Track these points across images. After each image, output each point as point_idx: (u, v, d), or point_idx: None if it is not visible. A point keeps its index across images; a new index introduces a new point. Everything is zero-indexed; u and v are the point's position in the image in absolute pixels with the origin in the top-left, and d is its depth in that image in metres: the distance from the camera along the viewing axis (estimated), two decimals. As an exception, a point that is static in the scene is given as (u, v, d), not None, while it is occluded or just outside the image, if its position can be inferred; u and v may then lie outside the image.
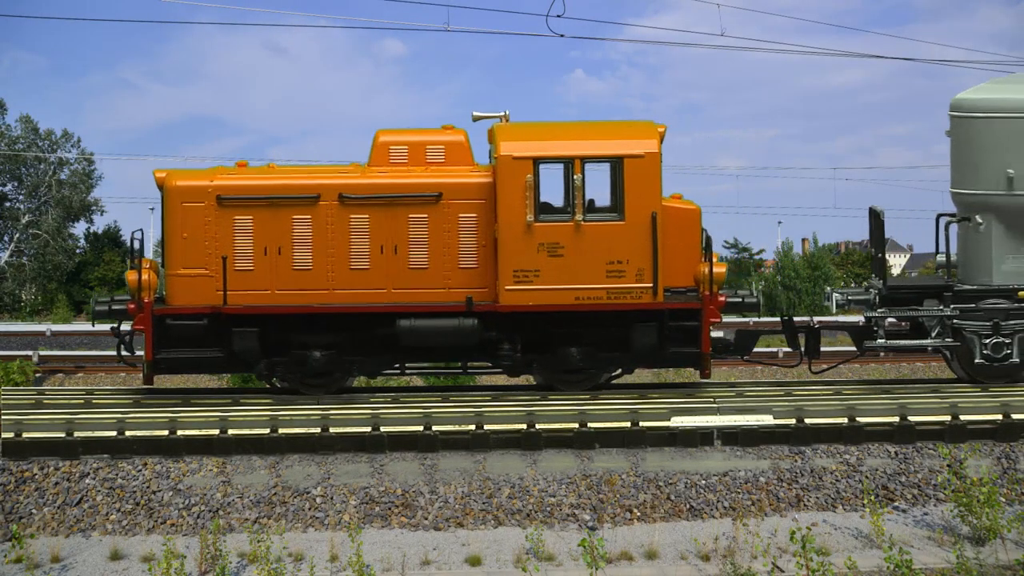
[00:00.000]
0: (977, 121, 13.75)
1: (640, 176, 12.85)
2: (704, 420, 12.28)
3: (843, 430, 12.22)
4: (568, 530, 10.80)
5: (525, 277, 12.82)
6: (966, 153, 13.98)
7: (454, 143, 13.46)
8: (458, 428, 12.15)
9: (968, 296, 13.82)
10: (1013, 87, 13.85)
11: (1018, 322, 13.62)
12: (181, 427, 12.07)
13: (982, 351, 13.65)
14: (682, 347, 13.30)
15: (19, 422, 12.11)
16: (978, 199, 13.84)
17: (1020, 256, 13.76)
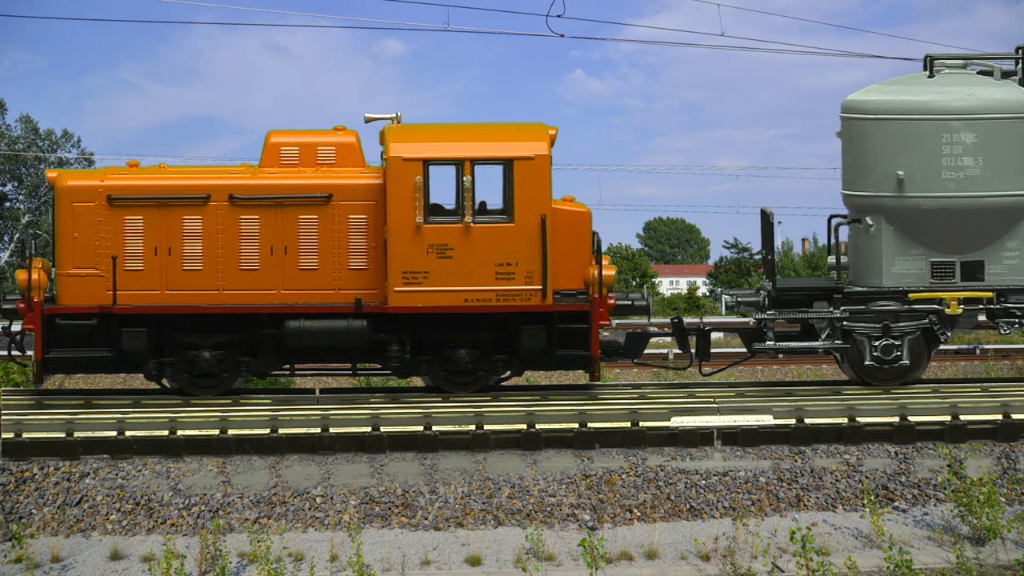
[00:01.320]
0: (868, 122, 13.70)
1: (530, 178, 12.88)
2: (704, 420, 12.28)
3: (843, 430, 12.22)
4: (568, 530, 10.80)
5: (414, 279, 12.85)
6: (857, 155, 13.92)
7: (345, 144, 13.50)
8: (458, 428, 12.15)
9: (858, 298, 13.76)
10: (903, 88, 13.77)
11: (908, 324, 13.57)
12: (181, 427, 12.07)
13: (872, 353, 13.58)
14: (571, 350, 13.29)
15: (19, 422, 12.12)
16: (869, 201, 13.76)
17: (910, 258, 13.68)
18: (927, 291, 13.63)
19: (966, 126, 13.41)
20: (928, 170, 13.43)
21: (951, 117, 13.43)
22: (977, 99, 13.53)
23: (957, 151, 13.43)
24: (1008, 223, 13.65)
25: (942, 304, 13.56)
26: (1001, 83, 13.88)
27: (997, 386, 14.22)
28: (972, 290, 13.64)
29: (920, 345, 13.72)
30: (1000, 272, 13.72)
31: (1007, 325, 13.84)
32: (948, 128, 13.44)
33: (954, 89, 13.64)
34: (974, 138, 13.42)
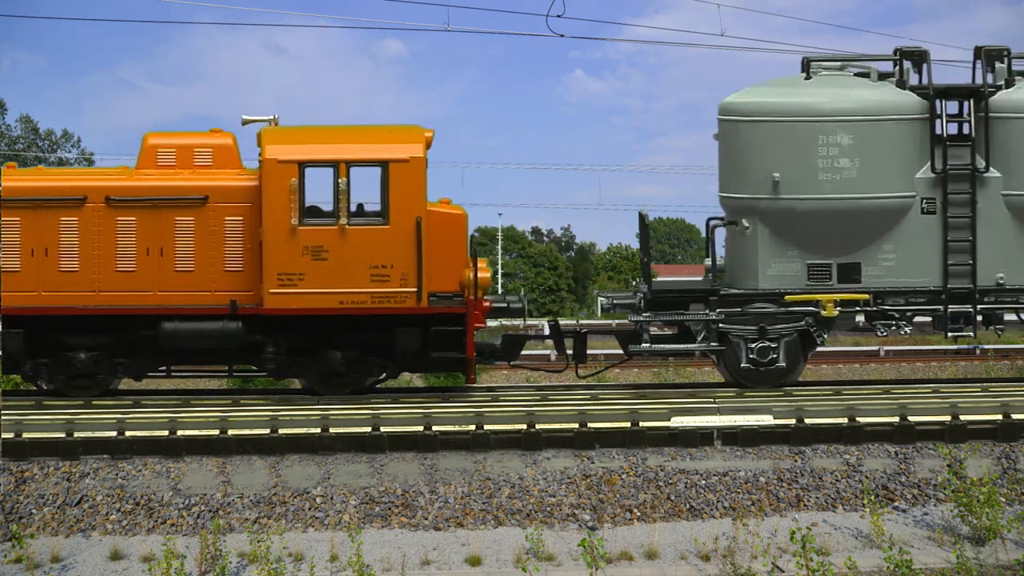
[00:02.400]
0: (743, 125, 13.68)
1: (405, 181, 12.94)
2: (704, 420, 12.28)
3: (843, 430, 12.22)
4: (568, 530, 10.81)
5: (289, 280, 12.89)
6: (733, 157, 13.90)
7: (221, 146, 13.56)
8: (458, 428, 12.15)
9: (734, 300, 13.75)
10: (779, 90, 13.76)
11: (784, 326, 13.57)
12: (181, 427, 12.07)
13: (748, 355, 13.58)
14: (447, 352, 13.36)
15: (19, 422, 12.12)
16: (745, 203, 13.76)
17: (786, 260, 13.67)
18: (803, 293, 13.62)
19: (842, 128, 13.41)
20: (804, 172, 13.43)
21: (827, 119, 13.41)
22: (853, 101, 13.53)
23: (833, 153, 13.43)
24: (884, 225, 13.67)
25: (818, 306, 13.55)
26: (877, 84, 13.87)
27: (997, 386, 14.25)
28: (849, 292, 13.64)
29: (796, 347, 13.74)
30: (877, 274, 13.75)
31: (884, 327, 13.87)
32: (824, 130, 13.43)
33: (830, 91, 13.63)
34: (850, 140, 13.43)
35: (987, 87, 13.83)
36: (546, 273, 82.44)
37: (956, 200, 13.67)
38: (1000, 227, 13.74)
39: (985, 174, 13.71)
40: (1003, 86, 13.88)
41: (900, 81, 13.95)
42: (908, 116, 13.68)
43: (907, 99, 13.77)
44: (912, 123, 13.69)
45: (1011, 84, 13.89)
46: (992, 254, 13.75)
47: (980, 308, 13.86)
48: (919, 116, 13.72)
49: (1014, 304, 13.96)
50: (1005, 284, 13.81)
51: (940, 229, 13.73)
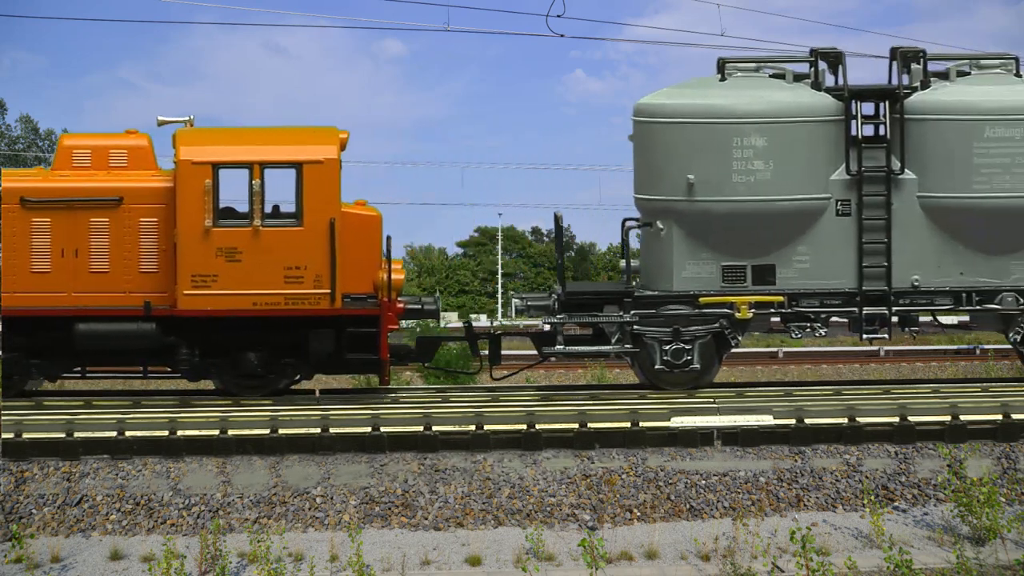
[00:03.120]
0: (658, 126, 13.63)
1: (319, 182, 12.95)
2: (704, 420, 12.28)
3: (843, 430, 12.22)
4: (568, 530, 10.80)
5: (203, 282, 12.90)
6: (648, 158, 13.85)
7: (137, 147, 13.57)
8: (458, 428, 12.15)
9: (648, 302, 13.72)
10: (694, 92, 13.71)
11: (698, 328, 13.55)
12: (181, 427, 12.07)
13: (662, 357, 13.55)
14: (361, 353, 13.36)
15: (19, 422, 12.12)
16: (660, 204, 13.71)
17: (701, 262, 13.63)
18: (718, 295, 13.59)
19: (757, 130, 13.35)
20: (718, 174, 13.38)
21: (741, 121, 13.36)
22: (767, 102, 13.48)
23: (748, 155, 13.38)
24: (799, 227, 13.64)
25: (732, 308, 13.51)
26: (793, 86, 13.81)
27: (997, 386, 14.24)
28: (763, 294, 13.60)
29: (711, 349, 13.70)
30: (791, 276, 13.71)
31: (799, 329, 13.84)
32: (739, 132, 13.37)
33: (745, 92, 13.58)
34: (765, 142, 13.37)
35: (902, 88, 13.75)
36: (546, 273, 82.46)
37: (871, 202, 13.62)
38: (915, 229, 13.69)
39: (900, 176, 13.65)
40: (919, 87, 13.81)
41: (815, 83, 13.86)
42: (823, 118, 13.61)
43: (822, 101, 13.69)
44: (827, 125, 13.63)
45: (927, 85, 13.83)
46: (907, 256, 13.71)
47: (895, 310, 13.81)
48: (834, 118, 13.64)
49: (929, 306, 13.93)
50: (920, 286, 13.76)
51: (855, 231, 13.67)
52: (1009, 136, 13.47)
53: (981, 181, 13.49)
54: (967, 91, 13.71)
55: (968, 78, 14.01)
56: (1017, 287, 13.77)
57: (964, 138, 13.49)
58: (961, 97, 13.63)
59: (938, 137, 13.57)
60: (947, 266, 13.77)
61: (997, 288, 13.78)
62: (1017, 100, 13.56)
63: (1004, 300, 13.74)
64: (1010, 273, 13.80)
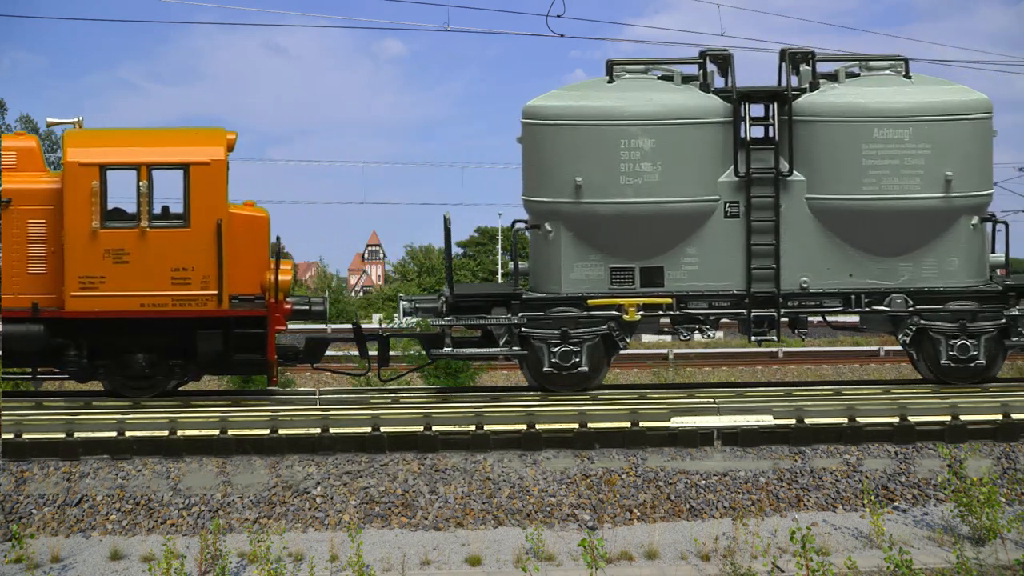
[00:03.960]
0: (547, 128, 13.56)
1: (206, 183, 12.97)
2: (704, 420, 12.28)
3: (843, 430, 12.21)
4: (568, 530, 10.80)
5: (91, 283, 12.89)
6: (536, 160, 13.77)
7: (25, 149, 13.55)
8: (458, 428, 12.15)
9: (536, 304, 13.67)
10: (582, 94, 13.64)
11: (587, 330, 13.50)
12: (181, 427, 12.07)
13: (550, 359, 13.51)
14: (248, 354, 13.35)
15: (19, 422, 12.11)
16: (547, 207, 13.65)
17: (589, 264, 13.58)
18: (606, 297, 13.56)
19: (644, 131, 13.31)
20: (606, 176, 13.33)
21: (629, 123, 13.31)
22: (655, 104, 13.42)
23: (635, 157, 13.34)
24: (687, 229, 13.59)
25: (621, 310, 13.47)
26: (681, 88, 13.75)
27: (997, 386, 14.22)
28: (652, 296, 13.58)
29: (600, 351, 13.66)
30: (680, 278, 13.67)
31: (687, 331, 13.80)
32: (626, 134, 13.32)
33: (632, 94, 13.52)
34: (652, 144, 13.33)
35: (791, 90, 13.69)
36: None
37: (759, 204, 13.56)
38: (803, 231, 13.64)
39: (788, 178, 13.58)
40: (807, 89, 13.75)
41: (704, 84, 13.79)
42: (711, 119, 13.56)
43: (710, 102, 13.64)
44: (715, 126, 13.57)
45: (816, 87, 13.76)
46: (796, 258, 13.66)
47: (784, 312, 13.76)
48: (722, 119, 13.59)
49: (818, 308, 13.87)
50: (809, 288, 13.71)
51: (743, 233, 13.61)
52: (898, 138, 13.42)
53: (870, 183, 13.44)
54: (856, 92, 13.64)
55: (857, 79, 13.92)
56: (906, 289, 13.70)
57: (852, 140, 13.44)
58: (850, 98, 13.57)
59: (827, 139, 13.52)
60: (836, 268, 13.71)
61: (886, 290, 13.71)
62: (906, 101, 13.50)
63: (893, 302, 13.68)
64: (899, 275, 13.73)
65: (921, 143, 13.44)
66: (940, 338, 13.68)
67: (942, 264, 13.73)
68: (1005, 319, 13.70)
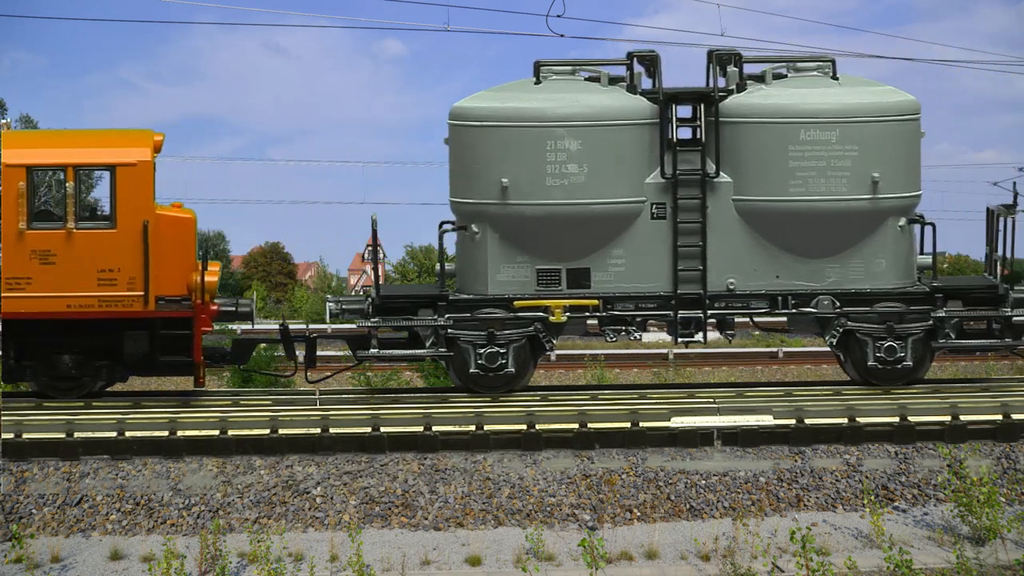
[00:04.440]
0: (473, 129, 13.53)
1: (132, 184, 13.01)
2: (704, 420, 12.28)
3: (843, 430, 12.22)
4: (568, 530, 10.80)
5: (17, 284, 12.94)
6: (463, 162, 13.74)
7: None
8: (458, 428, 12.15)
9: (463, 305, 13.66)
10: (508, 95, 13.60)
11: (513, 332, 13.49)
12: (181, 428, 12.07)
13: (476, 361, 13.49)
14: (175, 356, 13.39)
15: (19, 423, 12.12)
16: (474, 208, 13.62)
17: (516, 265, 13.55)
18: (532, 299, 13.54)
19: (570, 133, 13.26)
20: (532, 177, 13.29)
21: (555, 124, 13.26)
22: (581, 106, 13.37)
23: (561, 158, 13.29)
24: (614, 230, 13.55)
25: (547, 312, 13.45)
26: (607, 89, 13.69)
27: (997, 386, 14.24)
28: (578, 298, 13.55)
29: (526, 353, 13.63)
30: (607, 279, 13.63)
31: (613, 333, 13.78)
32: (552, 135, 13.28)
33: (559, 96, 13.47)
34: (579, 145, 13.28)
35: (717, 91, 13.64)
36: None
37: (686, 205, 13.52)
38: (730, 232, 13.60)
39: (715, 179, 13.55)
40: (735, 90, 13.69)
41: (631, 85, 13.72)
42: (638, 121, 13.50)
43: (637, 104, 13.57)
44: (642, 128, 13.51)
45: (743, 88, 13.70)
46: (722, 259, 13.62)
47: (711, 313, 13.73)
48: (649, 121, 13.53)
49: (745, 310, 13.84)
50: (736, 289, 13.67)
51: (670, 234, 13.57)
52: (824, 139, 13.35)
53: (796, 184, 13.38)
54: (783, 94, 13.57)
55: (784, 80, 13.86)
56: (833, 290, 13.66)
57: (779, 141, 13.37)
58: (776, 100, 13.50)
59: (753, 140, 13.47)
60: (763, 269, 13.66)
61: (813, 291, 13.66)
62: (833, 103, 13.43)
63: (820, 304, 13.64)
64: (826, 276, 13.68)
65: (848, 145, 13.38)
66: (867, 340, 13.62)
67: (869, 266, 13.67)
68: (932, 320, 13.65)
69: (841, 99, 13.49)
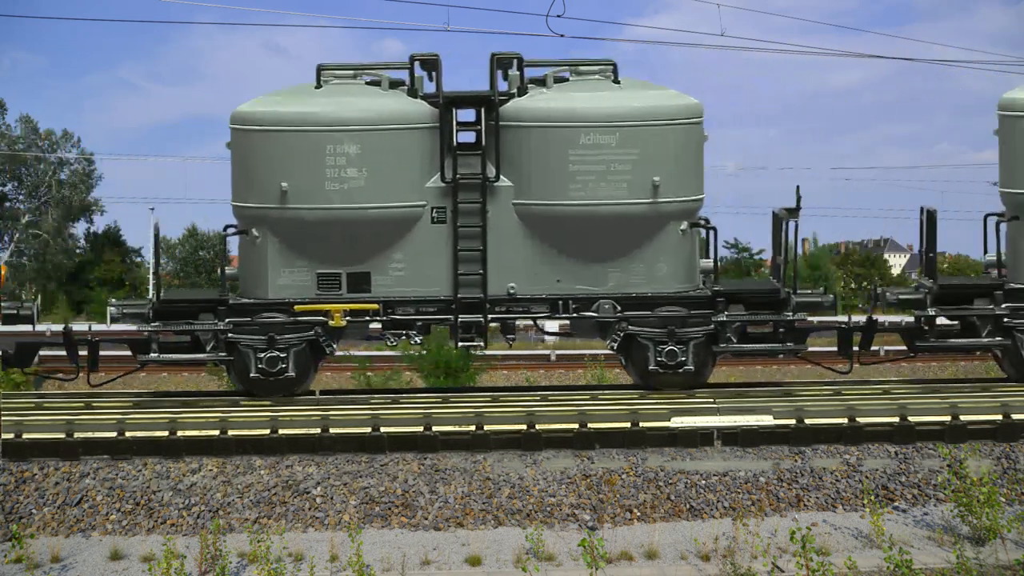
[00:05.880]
0: (253, 134, 13.46)
1: None
2: (704, 420, 12.28)
3: (843, 430, 12.22)
4: (568, 530, 10.81)
5: None
6: (244, 166, 13.66)
7: None
8: (458, 428, 12.15)
9: (244, 310, 13.59)
10: (287, 99, 13.55)
11: (293, 336, 13.43)
12: (181, 428, 12.07)
13: (257, 365, 13.39)
14: None
15: (19, 423, 12.12)
16: (254, 212, 13.54)
17: (296, 270, 13.50)
18: (312, 303, 13.50)
19: (350, 137, 13.20)
20: (312, 182, 13.23)
21: (334, 128, 13.21)
22: (360, 110, 13.30)
23: (341, 162, 13.20)
24: (394, 235, 13.48)
25: (328, 316, 13.44)
26: (388, 93, 13.65)
27: (997, 386, 14.23)
28: (358, 302, 13.52)
29: (306, 357, 13.60)
30: (387, 284, 13.58)
31: (394, 336, 13.76)
32: (332, 139, 13.22)
33: (338, 100, 13.40)
34: (358, 149, 13.21)
35: (498, 95, 13.56)
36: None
37: (466, 209, 13.45)
38: (511, 236, 13.51)
39: (496, 183, 13.47)
40: (516, 94, 13.61)
41: (412, 89, 13.67)
42: (418, 125, 13.43)
43: (417, 107, 13.49)
44: (422, 131, 13.45)
45: (524, 92, 13.63)
46: (503, 264, 13.54)
47: (492, 318, 13.69)
48: (429, 124, 13.46)
49: (526, 314, 13.78)
50: (516, 294, 13.61)
51: (450, 238, 13.52)
52: (604, 143, 13.26)
53: (576, 188, 13.28)
54: (563, 97, 13.47)
55: (565, 84, 13.77)
56: (614, 294, 13.59)
57: (559, 145, 13.28)
58: (556, 103, 13.41)
59: (534, 144, 13.36)
60: (544, 274, 13.60)
61: (595, 295, 13.61)
62: (613, 106, 13.34)
63: (601, 308, 13.59)
64: (607, 280, 13.61)
65: (628, 148, 13.30)
66: (648, 344, 13.56)
67: (651, 270, 13.61)
68: (713, 325, 13.63)
69: (621, 103, 13.39)
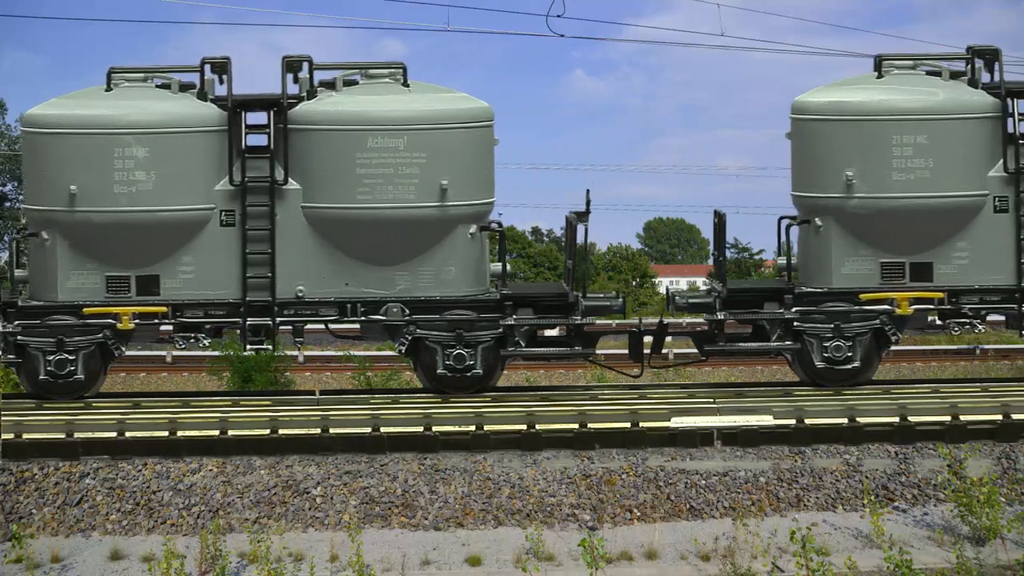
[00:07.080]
0: (43, 136, 13.39)
1: None
2: (704, 420, 12.28)
3: (843, 430, 12.22)
4: (568, 530, 10.80)
5: None
6: (34, 169, 13.59)
7: None
8: (458, 428, 12.15)
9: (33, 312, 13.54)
10: (77, 102, 13.47)
11: (82, 339, 13.38)
12: (181, 428, 12.07)
13: (46, 368, 13.34)
14: None
15: (19, 423, 12.12)
16: (44, 215, 13.44)
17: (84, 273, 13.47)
18: (101, 306, 13.47)
19: (137, 140, 13.22)
20: (101, 185, 13.25)
21: (122, 131, 13.22)
22: (148, 113, 13.31)
23: (129, 165, 13.24)
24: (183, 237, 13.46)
25: (116, 319, 13.43)
26: (177, 96, 13.64)
27: (997, 386, 14.23)
28: (147, 304, 13.52)
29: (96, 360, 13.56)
30: (176, 286, 13.58)
31: (183, 339, 13.74)
32: (120, 142, 13.22)
33: (127, 103, 13.39)
34: (146, 152, 13.23)
35: (287, 98, 13.55)
36: (546, 273, 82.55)
37: (255, 212, 13.43)
38: (300, 240, 13.52)
39: (284, 186, 13.47)
40: (305, 97, 13.61)
41: (201, 92, 13.66)
42: (206, 128, 13.40)
43: (205, 111, 13.49)
44: (211, 135, 13.38)
45: (313, 95, 13.63)
46: (292, 266, 13.54)
47: (280, 321, 13.68)
48: (218, 128, 13.43)
49: (315, 317, 13.77)
50: (305, 296, 13.61)
51: (239, 242, 13.51)
52: (392, 146, 13.29)
53: (364, 192, 13.30)
54: (351, 101, 13.48)
55: (354, 87, 13.75)
56: (403, 298, 13.58)
57: (347, 148, 13.29)
58: (344, 107, 13.42)
59: (322, 147, 13.40)
60: (332, 277, 13.60)
61: (383, 299, 13.60)
62: (401, 110, 13.37)
63: (389, 311, 13.58)
64: (396, 284, 13.62)
65: (416, 152, 13.32)
66: (436, 347, 13.55)
67: (439, 273, 13.61)
68: (502, 328, 13.61)
69: (409, 106, 13.43)
